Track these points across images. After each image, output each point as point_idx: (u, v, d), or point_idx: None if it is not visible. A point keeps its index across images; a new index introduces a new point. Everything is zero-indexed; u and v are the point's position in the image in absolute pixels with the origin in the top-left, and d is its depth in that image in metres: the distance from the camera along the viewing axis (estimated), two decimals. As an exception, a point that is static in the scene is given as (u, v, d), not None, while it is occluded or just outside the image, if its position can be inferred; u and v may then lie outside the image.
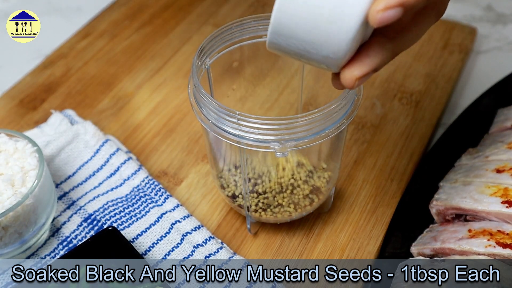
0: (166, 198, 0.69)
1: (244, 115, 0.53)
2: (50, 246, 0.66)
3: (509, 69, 0.83)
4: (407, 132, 0.77)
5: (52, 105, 0.81)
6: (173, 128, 0.79)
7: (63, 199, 0.69)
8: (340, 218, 0.68)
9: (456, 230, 0.62)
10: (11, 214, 0.59)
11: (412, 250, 0.64)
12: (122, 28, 0.93)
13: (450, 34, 0.90)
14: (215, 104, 0.54)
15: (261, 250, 0.66)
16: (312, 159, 0.65)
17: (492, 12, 0.98)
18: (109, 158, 0.72)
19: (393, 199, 0.70)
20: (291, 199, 0.64)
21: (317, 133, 0.54)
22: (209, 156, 0.66)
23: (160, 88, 0.84)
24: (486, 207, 0.62)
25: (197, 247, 0.64)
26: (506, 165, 0.65)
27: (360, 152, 0.75)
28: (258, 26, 0.63)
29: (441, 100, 0.81)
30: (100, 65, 0.87)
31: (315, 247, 0.66)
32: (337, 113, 0.55)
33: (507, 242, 0.59)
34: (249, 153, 0.61)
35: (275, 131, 0.53)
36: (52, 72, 0.86)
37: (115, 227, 0.62)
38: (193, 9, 0.96)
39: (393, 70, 0.85)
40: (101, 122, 0.79)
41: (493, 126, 0.74)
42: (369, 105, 0.80)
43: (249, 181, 0.63)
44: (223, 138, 0.56)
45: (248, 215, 0.65)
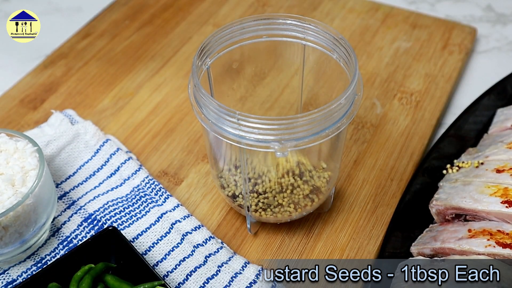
0: (166, 198, 0.69)
1: (244, 115, 0.53)
2: (50, 246, 0.66)
3: (509, 69, 0.83)
4: (407, 132, 0.77)
5: (53, 105, 0.81)
6: (173, 128, 0.79)
7: (64, 199, 0.69)
8: (340, 218, 0.69)
9: (456, 230, 0.62)
10: (12, 213, 0.59)
11: (412, 250, 0.64)
12: (123, 28, 0.93)
13: (450, 34, 0.90)
14: (215, 104, 0.54)
15: (261, 250, 0.66)
16: (312, 159, 0.65)
17: (492, 12, 0.98)
18: (109, 158, 0.72)
19: (393, 199, 0.70)
20: (291, 199, 0.64)
21: (317, 133, 0.55)
22: (209, 156, 0.66)
23: (160, 88, 0.84)
24: (486, 207, 0.62)
25: (197, 247, 0.64)
26: (506, 165, 0.65)
27: (360, 152, 0.75)
28: (258, 26, 0.63)
29: (441, 100, 0.81)
30: (100, 65, 0.88)
31: (315, 247, 0.66)
32: (337, 113, 0.55)
33: (507, 242, 0.59)
34: (249, 153, 0.61)
35: (275, 131, 0.53)
36: (52, 72, 0.86)
37: (115, 226, 0.62)
38: (193, 9, 0.96)
39: (393, 70, 0.85)
40: (101, 122, 0.79)
41: (493, 126, 0.74)
42: (369, 105, 0.80)
43: (249, 181, 0.63)
44: (223, 138, 0.56)
45: (248, 215, 0.65)
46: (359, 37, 0.90)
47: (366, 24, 0.93)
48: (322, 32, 0.62)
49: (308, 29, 0.63)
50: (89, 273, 0.60)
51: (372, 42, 0.90)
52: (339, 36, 0.60)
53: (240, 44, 0.64)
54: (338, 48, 0.60)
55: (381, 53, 0.88)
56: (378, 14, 0.94)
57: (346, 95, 0.55)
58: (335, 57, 0.61)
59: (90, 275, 0.59)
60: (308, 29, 0.63)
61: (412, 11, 0.95)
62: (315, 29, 0.62)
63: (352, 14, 0.94)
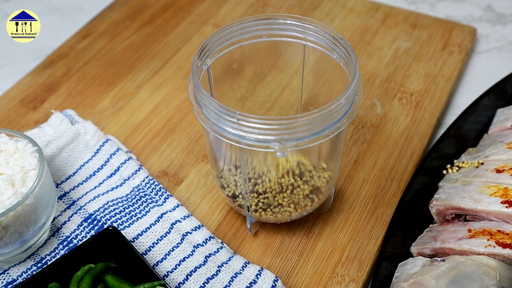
0: (166, 198, 0.69)
1: (244, 115, 0.53)
2: (50, 246, 0.66)
3: (509, 69, 0.83)
4: (407, 132, 0.77)
5: (53, 105, 0.82)
6: (173, 128, 0.79)
7: (64, 199, 0.69)
8: (340, 218, 0.69)
9: (456, 230, 0.62)
10: (12, 214, 0.59)
11: (412, 250, 0.64)
12: (123, 28, 0.93)
13: (450, 34, 0.90)
14: (215, 104, 0.54)
15: (261, 250, 0.66)
16: (312, 159, 0.65)
17: (492, 13, 0.98)
18: (109, 158, 0.72)
19: (393, 199, 0.70)
20: (291, 199, 0.64)
21: (317, 133, 0.54)
22: (209, 156, 0.66)
23: (160, 88, 0.84)
24: (486, 207, 0.62)
25: (197, 247, 0.64)
26: (506, 165, 0.65)
27: (360, 152, 0.75)
28: (258, 26, 0.63)
29: (441, 100, 0.81)
30: (100, 65, 0.88)
31: (315, 247, 0.66)
32: (337, 113, 0.55)
33: (506, 242, 0.59)
34: (250, 153, 0.61)
35: (275, 131, 0.53)
36: (52, 72, 0.86)
37: (115, 226, 0.62)
38: (193, 9, 0.96)
39: (393, 70, 0.85)
40: (101, 122, 0.79)
41: (493, 126, 0.74)
42: (369, 105, 0.80)
43: (249, 181, 0.63)
44: (224, 138, 0.56)
45: (248, 215, 0.65)
46: (359, 37, 0.90)
47: (366, 24, 0.93)
48: (322, 32, 0.62)
49: (308, 29, 0.63)
50: (89, 273, 0.60)
51: (372, 42, 0.90)
52: (339, 36, 0.60)
53: (240, 44, 0.64)
54: (338, 48, 0.61)
55: (381, 53, 0.88)
56: (378, 14, 0.94)
57: (346, 95, 0.55)
58: (335, 57, 0.61)
59: (90, 275, 0.59)
60: (308, 29, 0.63)
61: (412, 11, 0.95)
62: (315, 29, 0.62)
63: (352, 14, 0.94)
